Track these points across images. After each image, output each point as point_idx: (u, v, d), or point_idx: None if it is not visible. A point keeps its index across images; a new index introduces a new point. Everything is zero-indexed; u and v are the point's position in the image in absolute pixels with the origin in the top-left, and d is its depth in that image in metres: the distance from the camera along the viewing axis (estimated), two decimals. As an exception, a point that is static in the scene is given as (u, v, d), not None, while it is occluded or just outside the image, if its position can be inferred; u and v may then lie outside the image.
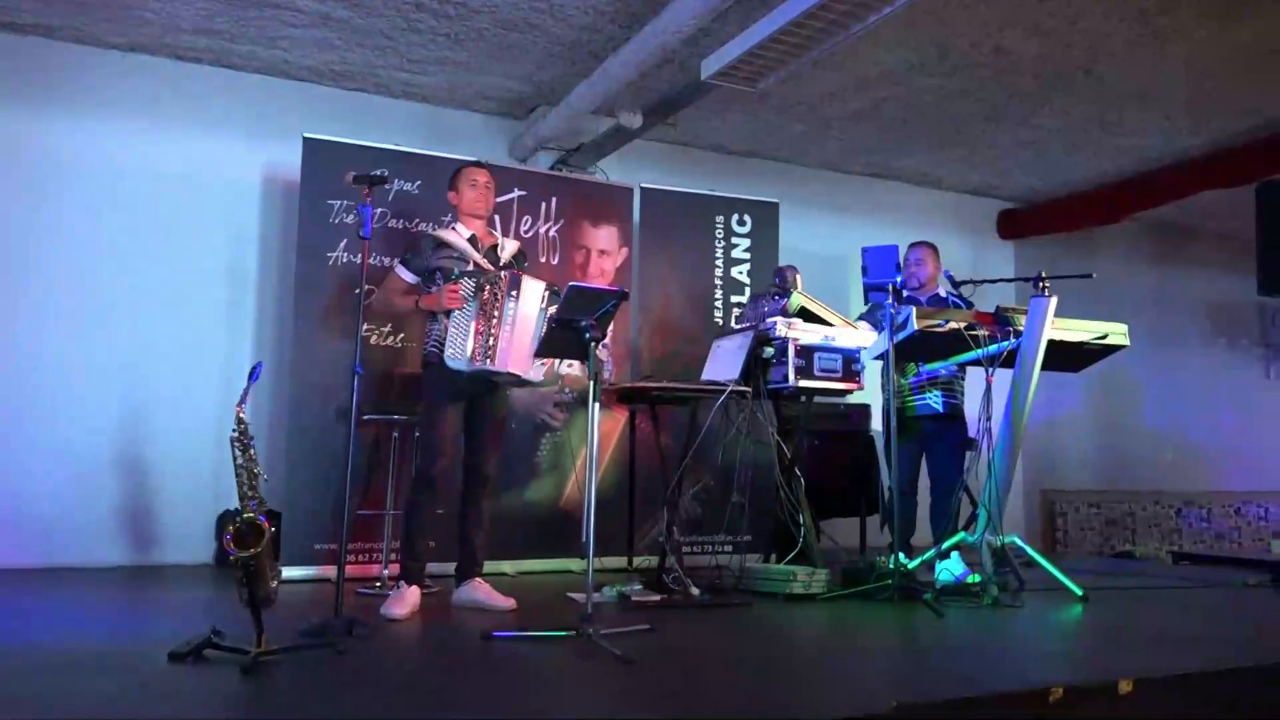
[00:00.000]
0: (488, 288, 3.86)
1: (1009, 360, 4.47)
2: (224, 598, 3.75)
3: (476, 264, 3.98)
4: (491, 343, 3.82)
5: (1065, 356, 4.62)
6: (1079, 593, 4.24)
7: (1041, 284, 4.40)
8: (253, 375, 3.06)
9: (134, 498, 5.20)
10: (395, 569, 4.14)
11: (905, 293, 4.94)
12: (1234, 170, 6.44)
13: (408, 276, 4.02)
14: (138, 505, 5.20)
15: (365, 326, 4.90)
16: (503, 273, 3.93)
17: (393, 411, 4.71)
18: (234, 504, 2.96)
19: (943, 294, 5.08)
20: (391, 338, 5.09)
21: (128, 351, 5.25)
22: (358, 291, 3.62)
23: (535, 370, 3.99)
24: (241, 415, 2.97)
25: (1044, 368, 4.46)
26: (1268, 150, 6.25)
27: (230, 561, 2.79)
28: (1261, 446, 8.69)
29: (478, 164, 4.24)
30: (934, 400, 4.93)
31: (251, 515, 2.81)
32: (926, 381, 4.93)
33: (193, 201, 5.46)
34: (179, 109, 5.51)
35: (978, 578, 4.33)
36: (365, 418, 4.60)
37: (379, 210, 5.05)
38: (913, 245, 5.16)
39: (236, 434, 2.94)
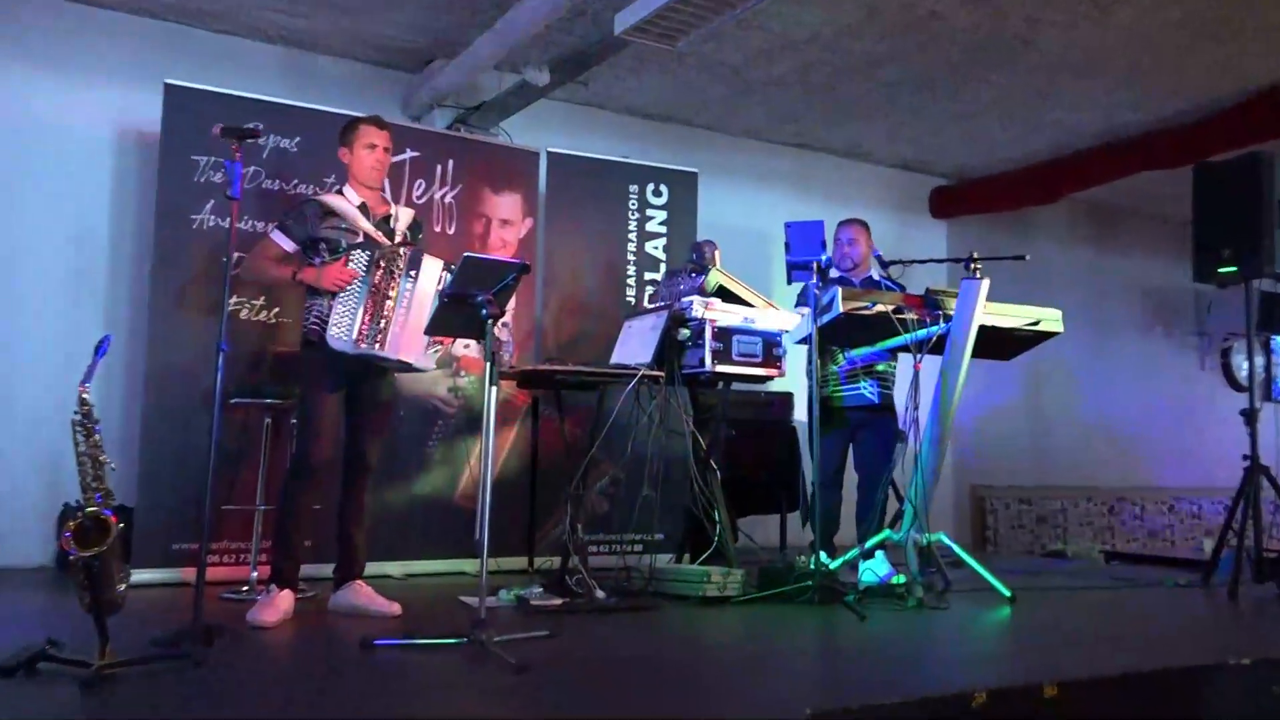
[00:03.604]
0: (382, 264, 3.79)
1: (938, 346, 4.57)
2: (63, 604, 3.62)
3: (368, 236, 3.89)
4: (383, 325, 3.76)
5: (997, 343, 4.75)
6: (1007, 594, 4.36)
7: (973, 265, 4.50)
8: (99, 350, 2.98)
9: (-39, 491, 4.97)
10: (265, 571, 4.05)
11: (837, 274, 5.01)
12: (1173, 150, 6.69)
13: (286, 244, 3.89)
14: (-35, 500, 4.97)
15: (234, 299, 4.79)
16: (401, 249, 3.86)
17: (265, 394, 4.59)
18: (76, 497, 2.87)
19: (875, 276, 5.16)
20: (265, 312, 4.96)
21: (-46, 324, 5.01)
22: (225, 259, 3.50)
23: (426, 358, 3.95)
24: (85, 395, 2.89)
25: (974, 355, 4.57)
26: (1208, 130, 6.51)
27: (70, 563, 2.69)
28: (1195, 441, 9.07)
29: (377, 121, 4.04)
30: (867, 390, 5.00)
31: (95, 509, 2.71)
32: (861, 369, 5.00)
33: (33, 155, 5.22)
34: (17, 49, 5.24)
35: (903, 579, 4.42)
36: (232, 401, 4.48)
37: (251, 169, 4.92)
38: (844, 223, 5.22)
39: (79, 416, 2.86)
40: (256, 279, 4.47)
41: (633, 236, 6.00)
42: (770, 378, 4.79)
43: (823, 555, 4.40)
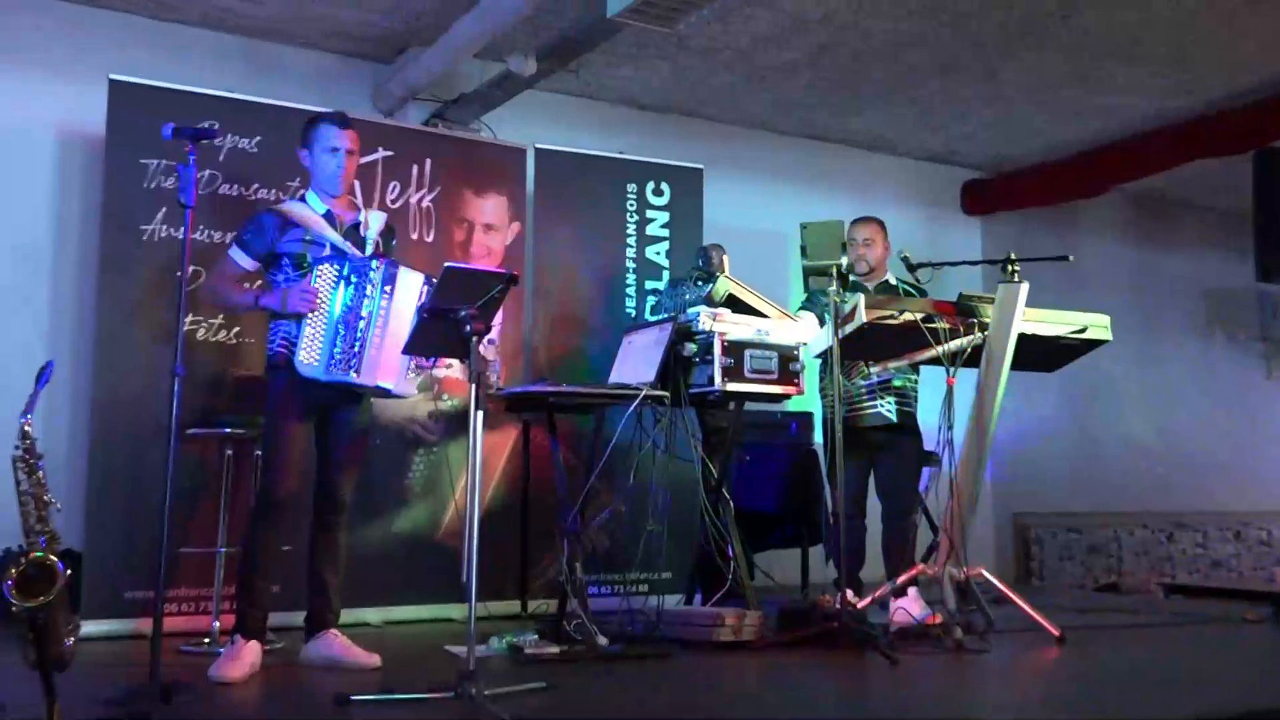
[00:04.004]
0: (353, 280, 3.80)
1: (972, 358, 4.58)
2: (4, 660, 3.61)
3: (336, 248, 3.90)
4: (357, 349, 3.77)
5: (1039, 353, 4.76)
6: (1056, 633, 4.36)
7: (1011, 267, 4.52)
8: (42, 378, 2.98)
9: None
10: (228, 620, 4.05)
11: (851, 278, 5.02)
12: (1230, 136, 6.71)
13: (246, 263, 3.92)
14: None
15: (190, 318, 4.80)
16: (374, 261, 3.88)
17: (226, 424, 4.61)
18: (18, 541, 2.88)
19: (893, 280, 5.18)
20: (224, 332, 4.97)
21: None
22: (179, 274, 3.52)
23: (408, 383, 3.97)
24: (27, 429, 2.89)
25: (1014, 366, 4.58)
26: (1268, 114, 6.53)
27: (12, 614, 2.70)
28: (1263, 459, 9.06)
29: (340, 120, 4.05)
30: (886, 408, 5.00)
31: (40, 554, 2.71)
32: (878, 385, 5.01)
33: (-35, 159, 5.25)
34: (-53, 42, 5.30)
35: (940, 617, 4.42)
36: (189, 431, 4.50)
37: (206, 172, 4.93)
38: (858, 221, 5.24)
39: (20, 452, 2.86)
40: (223, 307, 4.52)
41: (632, 241, 6.02)
42: (787, 396, 4.80)
43: (849, 593, 4.40)
